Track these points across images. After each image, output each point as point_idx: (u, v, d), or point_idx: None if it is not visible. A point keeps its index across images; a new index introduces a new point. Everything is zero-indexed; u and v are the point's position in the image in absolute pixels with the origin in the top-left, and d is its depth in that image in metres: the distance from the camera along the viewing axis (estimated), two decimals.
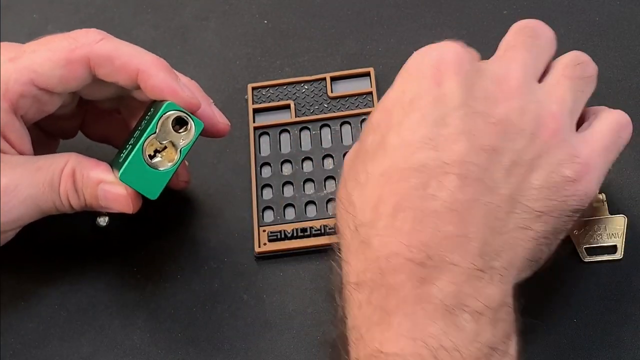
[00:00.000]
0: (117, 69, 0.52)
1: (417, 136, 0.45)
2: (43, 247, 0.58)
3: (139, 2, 0.68)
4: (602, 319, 0.52)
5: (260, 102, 0.62)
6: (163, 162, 0.51)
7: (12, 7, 0.68)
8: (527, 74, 0.48)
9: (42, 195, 0.52)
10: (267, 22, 0.66)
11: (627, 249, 0.54)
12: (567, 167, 0.46)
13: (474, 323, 0.42)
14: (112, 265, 0.57)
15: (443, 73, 0.46)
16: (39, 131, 0.56)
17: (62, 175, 0.52)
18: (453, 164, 0.44)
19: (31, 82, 0.52)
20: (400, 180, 0.45)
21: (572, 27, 0.62)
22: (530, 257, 0.46)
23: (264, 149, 0.60)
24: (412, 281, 0.43)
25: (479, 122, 0.45)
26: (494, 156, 0.45)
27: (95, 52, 0.52)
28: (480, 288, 0.43)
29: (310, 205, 0.57)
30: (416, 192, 0.44)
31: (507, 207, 0.45)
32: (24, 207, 0.52)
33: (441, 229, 0.43)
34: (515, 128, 0.46)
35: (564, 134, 0.47)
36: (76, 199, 0.52)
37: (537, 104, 0.47)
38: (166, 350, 0.54)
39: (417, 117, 0.46)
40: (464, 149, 0.45)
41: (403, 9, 0.65)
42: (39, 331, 0.56)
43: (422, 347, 0.42)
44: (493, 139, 0.45)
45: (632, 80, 0.59)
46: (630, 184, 0.56)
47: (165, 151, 0.51)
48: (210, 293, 0.56)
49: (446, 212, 0.44)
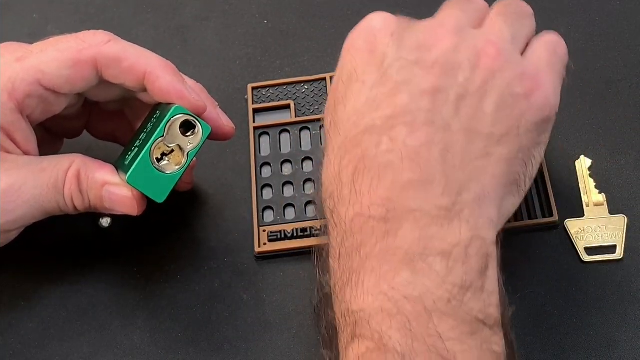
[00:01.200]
0: (124, 70, 0.52)
1: (360, 103, 0.47)
2: (43, 247, 0.58)
3: (139, 2, 0.68)
4: (602, 319, 0.52)
5: (260, 102, 0.62)
6: (170, 165, 0.51)
7: (12, 7, 0.68)
8: (459, 20, 0.49)
9: (47, 196, 0.52)
10: (267, 22, 0.66)
11: (627, 249, 0.54)
12: (516, 86, 0.47)
13: (442, 265, 0.43)
14: (112, 265, 0.57)
15: (374, 40, 0.48)
16: (44, 131, 0.56)
17: (67, 177, 0.52)
18: (398, 115, 0.45)
19: (38, 82, 0.52)
20: (354, 147, 0.46)
21: (572, 27, 0.62)
22: (506, 180, 0.46)
23: (264, 149, 0.60)
24: (375, 237, 0.44)
25: (415, 70, 0.46)
26: (438, 96, 0.46)
27: (103, 53, 0.52)
28: (445, 227, 0.43)
29: (310, 205, 0.57)
30: (370, 153, 0.45)
31: (463, 140, 0.45)
32: (27, 208, 0.52)
33: (399, 179, 0.44)
34: (453, 64, 0.46)
35: (506, 56, 0.47)
36: (80, 200, 0.52)
37: (472, 40, 0.48)
38: (166, 350, 0.54)
39: (358, 86, 0.47)
40: (405, 98, 0.46)
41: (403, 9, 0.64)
42: (39, 331, 0.56)
43: (385, 301, 0.42)
44: (433, 81, 0.46)
45: (632, 80, 0.59)
46: (630, 184, 0.56)
47: (173, 154, 0.51)
48: (210, 293, 0.56)
49: (400, 161, 0.44)
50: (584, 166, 0.57)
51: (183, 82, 0.52)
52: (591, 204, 0.55)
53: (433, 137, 0.45)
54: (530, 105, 0.47)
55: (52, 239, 0.58)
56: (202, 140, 0.51)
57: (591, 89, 0.59)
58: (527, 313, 0.53)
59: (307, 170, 0.59)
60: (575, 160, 0.57)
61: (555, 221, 0.55)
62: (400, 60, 0.47)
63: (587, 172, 0.56)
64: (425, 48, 0.47)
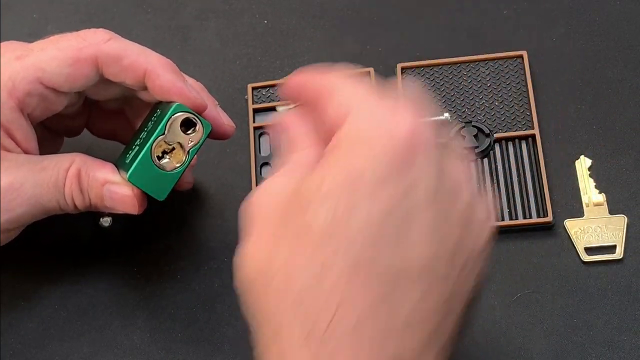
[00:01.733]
0: (124, 68, 0.52)
1: (383, 232, 0.38)
2: (43, 247, 0.58)
3: (139, 2, 0.68)
4: (602, 319, 0.52)
5: (260, 102, 0.62)
6: (171, 163, 0.51)
7: (12, 7, 0.68)
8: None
9: (47, 195, 0.52)
10: (267, 22, 0.66)
11: (627, 249, 0.54)
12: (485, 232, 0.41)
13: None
14: (113, 265, 0.57)
15: (414, 153, 0.39)
16: (44, 129, 0.56)
17: (68, 176, 0.52)
18: (416, 270, 0.38)
19: (38, 81, 0.51)
20: (364, 286, 0.38)
21: (572, 27, 0.62)
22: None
23: (264, 149, 0.60)
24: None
25: (445, 219, 0.39)
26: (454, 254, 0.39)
27: (104, 52, 0.52)
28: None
29: None
30: (380, 304, 0.38)
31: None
32: (27, 206, 0.52)
33: (407, 345, 0.38)
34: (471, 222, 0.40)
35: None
36: (81, 199, 0.52)
37: None
38: (166, 350, 0.54)
39: (384, 208, 0.38)
40: (429, 253, 0.38)
41: (403, 9, 0.65)
42: (39, 331, 0.56)
43: None
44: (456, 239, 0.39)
45: (632, 81, 0.59)
46: (630, 184, 0.56)
47: (173, 152, 0.51)
48: (210, 293, 0.56)
49: (406, 327, 0.38)
50: (584, 166, 0.57)
51: (183, 80, 0.52)
52: (591, 204, 0.55)
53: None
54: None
55: (52, 239, 0.58)
56: (203, 138, 0.51)
57: (591, 89, 0.59)
58: (527, 313, 0.53)
59: None
60: (575, 160, 0.57)
61: (550, 222, 0.55)
62: (435, 204, 0.40)
63: (587, 172, 0.56)
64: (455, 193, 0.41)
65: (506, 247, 0.55)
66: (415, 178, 0.39)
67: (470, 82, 0.60)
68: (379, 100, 0.41)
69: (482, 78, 0.60)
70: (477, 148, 0.58)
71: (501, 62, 0.61)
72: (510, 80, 0.60)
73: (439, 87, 0.60)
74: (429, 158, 0.39)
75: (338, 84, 0.42)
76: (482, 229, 0.41)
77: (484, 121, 0.59)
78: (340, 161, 0.39)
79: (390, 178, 0.38)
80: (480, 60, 0.61)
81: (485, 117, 0.59)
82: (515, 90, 0.60)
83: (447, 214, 0.39)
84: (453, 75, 0.61)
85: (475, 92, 0.60)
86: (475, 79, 0.60)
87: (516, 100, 0.59)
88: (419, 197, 0.39)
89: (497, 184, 0.57)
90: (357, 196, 0.38)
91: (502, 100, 0.59)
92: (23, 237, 0.54)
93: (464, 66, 0.61)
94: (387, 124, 0.39)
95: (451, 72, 0.61)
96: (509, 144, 0.58)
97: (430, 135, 0.39)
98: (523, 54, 0.60)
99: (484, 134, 0.58)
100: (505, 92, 0.60)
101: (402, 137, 0.39)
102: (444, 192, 0.39)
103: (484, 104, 0.59)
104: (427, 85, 0.61)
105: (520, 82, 0.60)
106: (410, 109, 0.40)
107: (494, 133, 0.58)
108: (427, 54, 0.62)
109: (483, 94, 0.60)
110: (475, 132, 0.58)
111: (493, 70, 0.60)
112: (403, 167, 0.38)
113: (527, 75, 0.60)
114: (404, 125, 0.39)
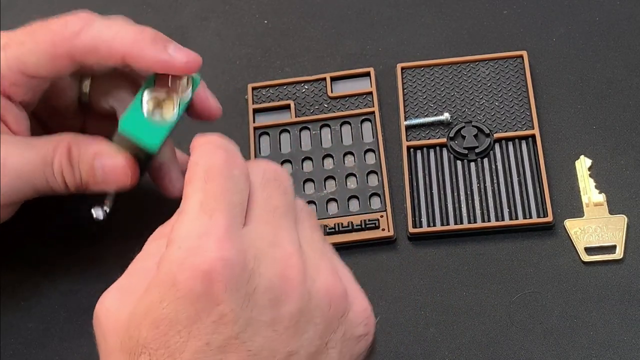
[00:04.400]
0: (102, 57, 0.51)
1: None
2: (43, 247, 0.58)
3: (139, 2, 0.68)
4: (602, 319, 0.52)
5: (260, 102, 0.62)
6: (163, 114, 0.51)
7: (12, 7, 0.68)
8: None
9: (35, 171, 0.51)
10: (267, 22, 0.66)
11: (627, 249, 0.54)
12: (360, 327, 0.43)
13: None
14: (112, 265, 0.57)
15: (214, 288, 0.39)
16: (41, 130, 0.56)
17: (57, 151, 0.51)
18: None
19: (21, 72, 0.52)
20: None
21: (572, 27, 0.62)
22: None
23: (264, 149, 0.60)
24: None
25: (267, 333, 0.40)
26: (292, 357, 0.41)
27: (77, 47, 0.51)
28: None
29: (310, 205, 0.57)
30: None
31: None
32: (13, 182, 0.51)
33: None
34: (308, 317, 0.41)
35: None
36: (71, 174, 0.52)
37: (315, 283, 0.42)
38: None
39: (198, 345, 0.39)
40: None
41: (403, 9, 0.65)
42: (39, 331, 0.56)
43: None
44: (288, 344, 0.40)
45: (632, 80, 0.59)
46: (630, 184, 0.56)
47: (164, 105, 0.51)
48: None
49: None
50: (584, 166, 0.57)
51: (163, 49, 0.51)
52: (591, 204, 0.55)
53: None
54: (367, 341, 0.44)
55: (53, 239, 0.58)
56: (191, 91, 0.51)
57: (591, 89, 0.59)
58: (527, 313, 0.53)
59: (307, 170, 0.59)
60: (575, 160, 0.57)
61: (550, 222, 0.55)
62: (251, 325, 0.40)
63: (587, 172, 0.56)
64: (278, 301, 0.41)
65: (506, 247, 0.55)
66: (220, 312, 0.39)
67: (470, 82, 0.60)
68: (196, 219, 0.41)
69: (482, 78, 0.60)
70: (477, 148, 0.58)
71: (501, 62, 0.61)
72: (510, 80, 0.60)
73: (439, 87, 0.60)
74: (231, 289, 0.39)
75: (191, 178, 0.42)
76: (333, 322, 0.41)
77: (484, 121, 0.59)
78: (154, 304, 0.40)
79: (197, 317, 0.39)
80: (480, 60, 0.61)
81: (485, 117, 0.59)
82: (515, 90, 0.60)
83: (269, 332, 0.40)
84: (453, 75, 0.61)
85: (475, 92, 0.60)
86: (475, 79, 0.60)
87: (516, 100, 0.59)
88: (229, 329, 0.39)
89: (497, 184, 0.57)
90: (172, 339, 0.39)
91: (502, 100, 0.59)
92: (23, 237, 0.54)
93: (464, 66, 0.61)
94: (192, 260, 0.40)
95: (451, 72, 0.61)
96: (509, 144, 0.58)
97: (234, 263, 0.39)
98: (523, 54, 0.60)
99: (484, 134, 0.58)
100: (505, 92, 0.60)
101: (200, 276, 0.39)
102: (258, 309, 0.40)
103: (484, 104, 0.59)
104: (427, 85, 0.61)
105: (520, 82, 0.60)
106: (218, 230, 0.40)
107: (494, 133, 0.58)
108: (427, 54, 0.62)
109: (483, 94, 0.60)
110: (475, 132, 0.58)
111: (493, 70, 0.60)
112: (207, 305, 0.39)
113: (527, 75, 0.60)
114: (203, 262, 0.39)
